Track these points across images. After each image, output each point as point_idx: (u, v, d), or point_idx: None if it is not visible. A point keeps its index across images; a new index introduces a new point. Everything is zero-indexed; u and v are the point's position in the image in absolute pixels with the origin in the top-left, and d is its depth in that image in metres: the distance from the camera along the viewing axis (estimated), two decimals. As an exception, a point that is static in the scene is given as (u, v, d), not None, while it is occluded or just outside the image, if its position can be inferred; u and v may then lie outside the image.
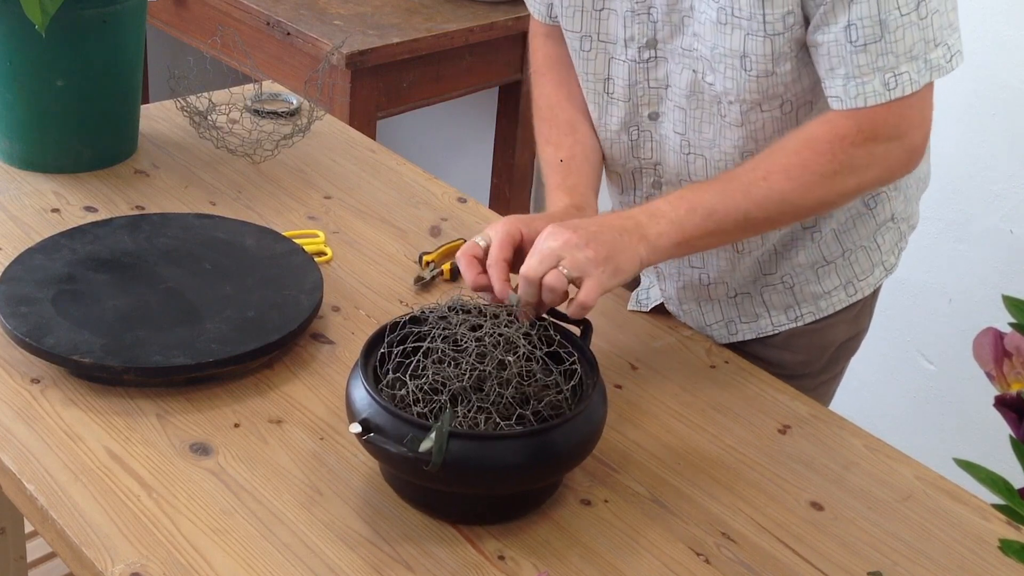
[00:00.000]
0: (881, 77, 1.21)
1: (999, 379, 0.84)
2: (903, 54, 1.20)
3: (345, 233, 1.59)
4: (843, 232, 1.44)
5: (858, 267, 1.47)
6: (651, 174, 1.42)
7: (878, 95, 1.21)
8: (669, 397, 1.35)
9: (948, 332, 2.35)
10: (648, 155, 1.41)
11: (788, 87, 1.28)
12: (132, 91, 1.71)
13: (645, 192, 1.44)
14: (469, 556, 1.10)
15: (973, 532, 1.20)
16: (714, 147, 1.35)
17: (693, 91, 1.32)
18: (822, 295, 1.47)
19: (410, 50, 2.46)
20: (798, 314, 1.48)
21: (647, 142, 1.40)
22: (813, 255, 1.44)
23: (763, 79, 1.26)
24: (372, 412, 1.10)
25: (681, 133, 1.36)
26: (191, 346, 1.27)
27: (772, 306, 1.47)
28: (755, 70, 1.25)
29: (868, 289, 1.49)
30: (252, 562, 1.07)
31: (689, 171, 1.38)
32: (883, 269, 1.50)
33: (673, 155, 1.38)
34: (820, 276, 1.45)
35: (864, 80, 1.21)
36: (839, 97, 1.23)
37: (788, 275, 1.45)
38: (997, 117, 2.18)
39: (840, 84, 1.22)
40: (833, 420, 1.34)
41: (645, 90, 1.36)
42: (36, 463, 1.16)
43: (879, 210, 1.45)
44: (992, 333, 0.85)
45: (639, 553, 1.13)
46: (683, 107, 1.34)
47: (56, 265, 1.39)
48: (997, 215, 2.22)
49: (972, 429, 2.33)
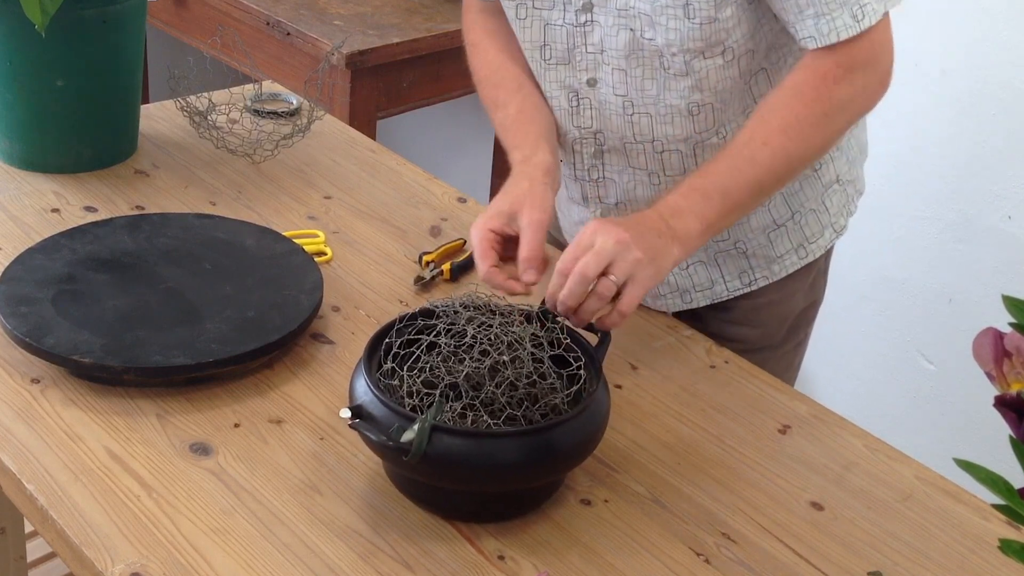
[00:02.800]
0: (849, 11, 1.25)
1: (999, 379, 0.84)
2: None
3: (345, 233, 1.59)
4: (791, 195, 1.47)
5: (808, 230, 1.50)
6: (591, 143, 1.43)
7: (849, 28, 1.25)
8: (669, 397, 1.35)
9: (948, 332, 2.35)
10: (588, 123, 1.41)
11: (729, 32, 1.30)
12: (132, 91, 1.71)
13: (587, 164, 1.45)
14: (469, 556, 1.10)
15: (973, 532, 1.20)
16: (659, 102, 1.36)
17: (632, 50, 1.33)
18: (775, 259, 1.50)
19: (410, 50, 2.46)
20: (752, 278, 1.50)
21: (587, 109, 1.40)
22: (764, 219, 1.47)
23: (706, 26, 1.28)
24: (367, 401, 1.11)
25: (623, 95, 1.37)
26: (191, 346, 1.27)
27: (726, 271, 1.50)
28: (698, 17, 1.28)
29: (819, 251, 1.52)
30: (252, 562, 1.07)
31: (633, 132, 1.39)
32: (833, 231, 1.53)
33: (616, 118, 1.39)
34: (772, 240, 1.48)
35: (834, 16, 1.25)
36: (813, 36, 1.26)
37: (741, 240, 1.48)
38: (997, 117, 2.18)
39: (811, 24, 1.26)
40: (833, 420, 1.34)
41: (583, 55, 1.37)
42: (36, 463, 1.16)
43: (823, 171, 1.48)
44: (992, 333, 0.85)
45: (639, 553, 1.13)
46: (622, 68, 1.35)
47: (56, 265, 1.39)
48: (997, 215, 2.22)
49: (972, 429, 2.33)
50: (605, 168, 1.45)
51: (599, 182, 1.46)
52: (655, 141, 1.40)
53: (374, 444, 1.09)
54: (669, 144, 1.40)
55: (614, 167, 1.44)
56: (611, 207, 1.48)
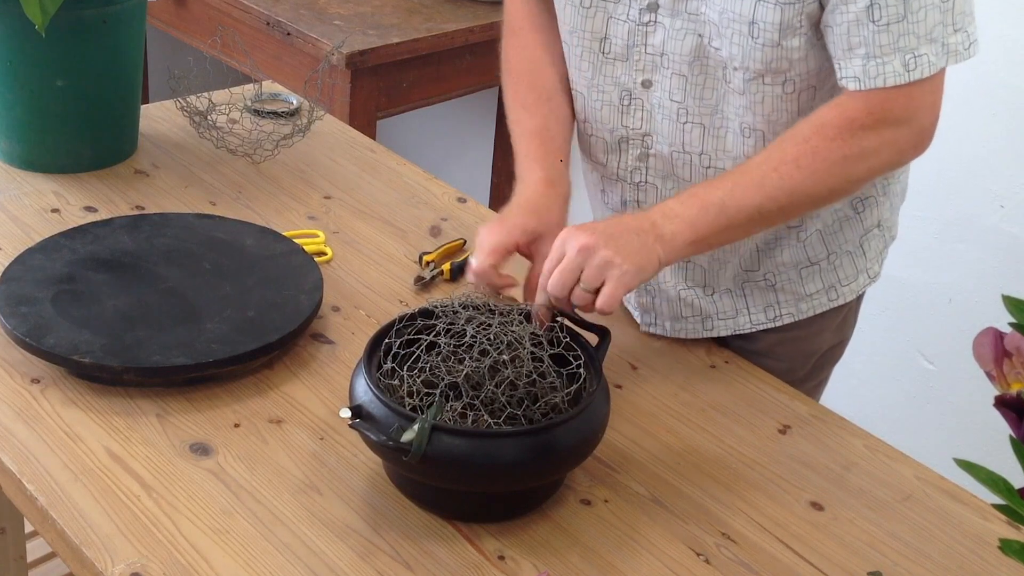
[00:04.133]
0: (901, 58, 1.20)
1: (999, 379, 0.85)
2: (924, 35, 1.19)
3: (345, 233, 1.59)
4: (829, 234, 1.43)
5: (842, 272, 1.46)
6: (638, 145, 1.39)
7: (898, 76, 1.20)
8: (669, 397, 1.35)
9: (948, 332, 2.35)
10: (637, 124, 1.38)
11: (793, 64, 1.26)
12: (132, 91, 1.71)
13: (630, 165, 1.41)
14: (469, 556, 1.10)
15: (973, 532, 1.20)
16: (716, 113, 1.32)
17: (697, 56, 1.30)
18: (804, 297, 1.46)
19: (410, 50, 2.46)
20: (777, 314, 1.46)
21: (637, 110, 1.37)
22: (798, 255, 1.43)
23: (768, 49, 1.24)
24: (367, 400, 1.11)
25: (679, 101, 1.33)
26: (191, 346, 1.27)
27: (752, 303, 1.46)
28: (762, 38, 1.23)
29: (850, 295, 1.48)
30: (252, 562, 1.07)
31: (683, 141, 1.35)
32: (867, 277, 1.49)
33: (668, 123, 1.35)
34: (803, 277, 1.44)
35: (884, 60, 1.20)
36: (857, 78, 1.21)
37: (771, 273, 1.44)
38: (997, 117, 2.18)
39: (859, 64, 1.21)
40: (833, 420, 1.34)
41: (642, 55, 1.33)
42: (36, 463, 1.16)
43: (867, 215, 1.44)
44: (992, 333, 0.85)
45: (639, 553, 1.13)
46: (683, 74, 1.32)
47: (56, 265, 1.39)
48: (997, 215, 2.22)
49: (972, 429, 2.33)
50: (648, 172, 1.40)
51: (640, 186, 1.41)
52: (703, 154, 1.35)
53: (374, 444, 1.09)
54: (716, 160, 1.35)
55: (658, 172, 1.40)
56: None
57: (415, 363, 1.15)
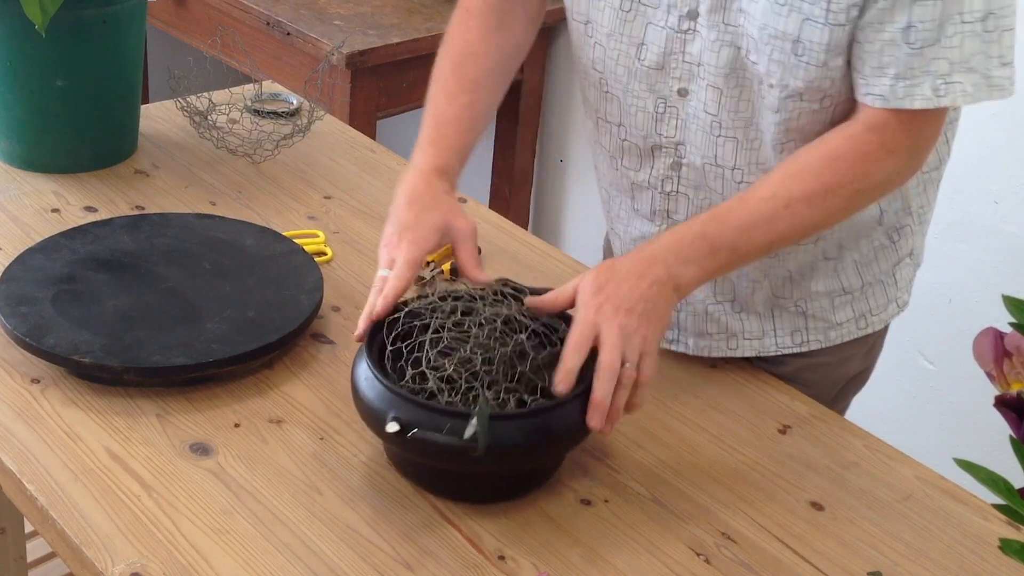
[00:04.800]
0: (931, 82, 1.17)
1: (999, 379, 0.85)
2: (958, 62, 1.16)
3: (345, 233, 1.59)
4: (864, 264, 1.40)
5: (874, 301, 1.44)
6: (671, 154, 1.35)
7: (926, 100, 1.17)
8: (669, 397, 1.35)
9: (948, 332, 2.35)
10: (671, 133, 1.34)
11: (835, 83, 1.22)
12: (132, 91, 1.71)
13: (662, 174, 1.37)
14: (469, 556, 1.10)
15: (973, 532, 1.20)
16: (750, 126, 1.29)
17: (733, 69, 1.26)
18: (833, 325, 1.43)
19: (410, 50, 2.46)
20: (805, 339, 1.43)
21: (672, 119, 1.33)
22: (832, 284, 1.40)
23: (812, 68, 1.21)
24: (400, 409, 1.11)
25: (713, 114, 1.29)
26: (191, 346, 1.27)
27: (779, 327, 1.43)
28: (807, 57, 1.20)
29: (879, 324, 1.46)
30: (252, 562, 1.07)
31: (716, 154, 1.32)
32: (896, 306, 1.47)
33: (702, 135, 1.32)
34: (835, 306, 1.42)
35: (915, 83, 1.17)
36: (883, 96, 1.18)
37: (803, 300, 1.41)
38: (997, 117, 2.18)
39: (888, 84, 1.18)
40: (833, 420, 1.34)
41: (679, 63, 1.29)
42: (36, 463, 1.16)
43: (902, 244, 1.42)
44: (992, 333, 0.85)
45: (639, 553, 1.13)
46: (718, 86, 1.28)
47: (56, 265, 1.39)
48: (997, 215, 2.22)
49: (972, 429, 2.33)
50: (680, 182, 1.36)
51: (671, 195, 1.37)
52: (736, 168, 1.31)
53: (441, 448, 1.09)
54: (749, 175, 1.31)
55: (690, 183, 1.36)
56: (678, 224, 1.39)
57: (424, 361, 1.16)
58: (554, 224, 3.08)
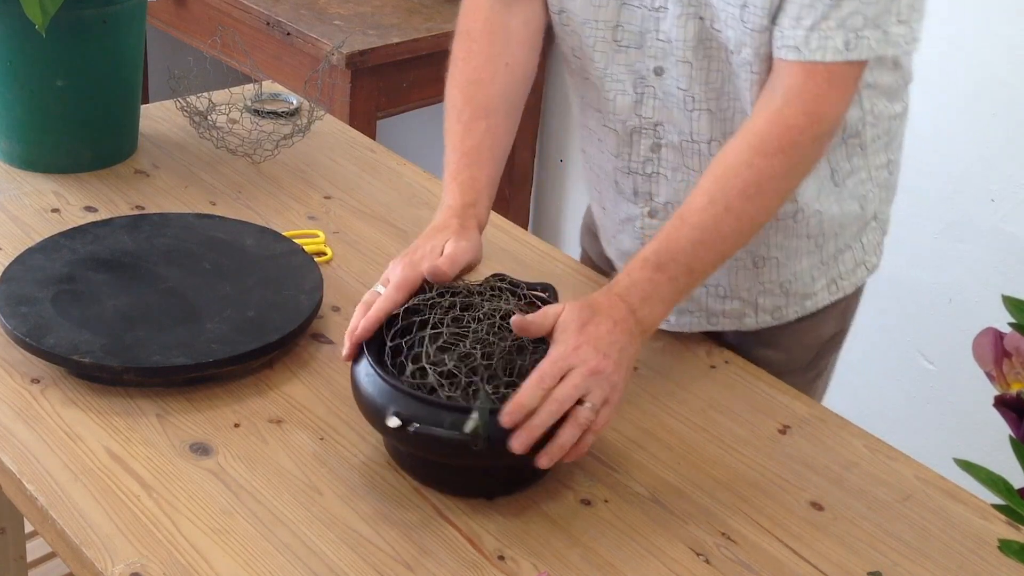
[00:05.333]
0: (844, 35, 1.19)
1: (999, 379, 0.85)
2: (871, 17, 1.19)
3: (345, 233, 1.59)
4: (842, 231, 1.44)
5: (843, 266, 1.47)
6: (650, 135, 1.37)
7: (837, 52, 1.19)
8: (669, 397, 1.35)
9: (948, 332, 2.35)
10: (650, 114, 1.36)
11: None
12: (132, 91, 1.71)
13: (642, 156, 1.39)
14: (469, 556, 1.10)
15: (973, 532, 1.20)
16: (722, 96, 1.31)
17: (700, 40, 1.28)
18: (810, 295, 1.47)
19: (410, 50, 2.46)
20: (784, 314, 1.47)
21: (650, 99, 1.35)
22: (814, 259, 1.44)
23: (756, 34, 1.23)
24: (400, 404, 1.11)
25: (686, 88, 1.32)
26: (191, 346, 1.27)
27: (761, 308, 1.46)
28: (751, 23, 1.23)
29: (849, 288, 1.50)
30: (252, 562, 1.07)
31: (692, 129, 1.34)
32: (865, 269, 1.50)
33: (677, 112, 1.34)
34: (814, 278, 1.46)
35: (829, 34, 1.18)
36: (797, 48, 1.20)
37: (788, 281, 1.44)
38: (997, 117, 2.18)
39: (803, 34, 1.19)
40: (833, 420, 1.34)
41: (653, 41, 1.31)
42: (36, 463, 1.16)
43: (867, 208, 1.45)
44: (992, 333, 0.85)
45: (639, 553, 1.13)
46: (688, 60, 1.30)
47: (56, 265, 1.39)
48: (997, 215, 2.22)
49: (972, 429, 2.33)
50: (660, 163, 1.39)
51: (652, 177, 1.40)
52: (712, 141, 1.34)
53: (442, 442, 1.09)
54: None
55: (668, 164, 1.38)
56: (660, 206, 1.42)
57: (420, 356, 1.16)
58: (554, 224, 3.08)
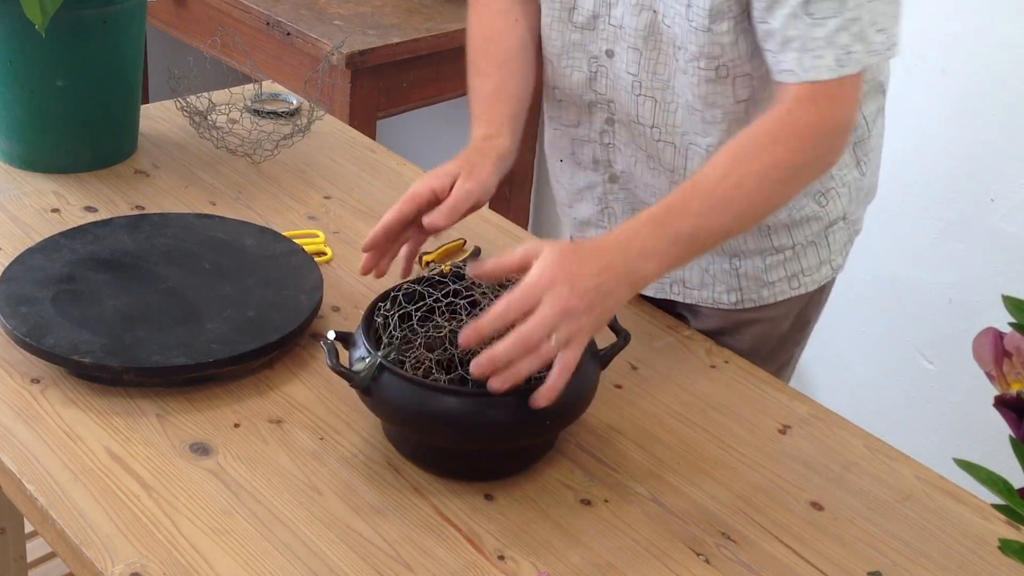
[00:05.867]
0: (834, 53, 1.21)
1: (999, 379, 0.85)
2: (856, 33, 1.21)
3: (345, 233, 1.59)
4: (794, 226, 1.46)
5: (806, 262, 1.49)
6: (604, 110, 1.44)
7: (831, 70, 1.21)
8: (669, 397, 1.35)
9: (948, 332, 2.35)
10: (603, 91, 1.42)
11: (725, 50, 1.29)
12: (132, 91, 1.71)
13: (598, 128, 1.46)
14: (469, 556, 1.10)
15: (973, 532, 1.20)
16: (667, 89, 1.36)
17: (650, 32, 1.33)
18: (765, 284, 1.49)
19: (410, 50, 2.46)
20: (739, 299, 1.50)
21: (603, 78, 1.41)
22: (762, 244, 1.46)
23: (700, 33, 1.27)
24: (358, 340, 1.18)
25: (634, 74, 1.37)
26: (191, 346, 1.27)
27: (716, 283, 1.49)
28: (696, 22, 1.27)
29: (812, 285, 1.51)
30: (252, 562, 1.07)
31: (638, 112, 1.39)
32: (830, 268, 1.52)
33: (625, 94, 1.40)
34: (768, 265, 1.48)
35: (818, 54, 1.21)
36: (792, 71, 1.22)
37: (736, 258, 1.47)
38: (997, 117, 2.18)
39: (794, 57, 1.22)
40: (833, 420, 1.34)
41: (605, 25, 1.37)
42: (36, 463, 1.16)
43: (831, 208, 1.46)
44: (992, 333, 0.85)
45: (639, 553, 1.13)
46: (638, 48, 1.35)
47: (56, 265, 1.39)
48: (997, 215, 2.22)
49: (972, 429, 2.33)
50: (615, 135, 1.45)
51: (609, 147, 1.47)
52: (654, 127, 1.39)
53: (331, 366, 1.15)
54: (666, 134, 1.39)
55: (621, 138, 1.45)
56: (617, 175, 1.48)
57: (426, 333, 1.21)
58: (554, 224, 3.08)
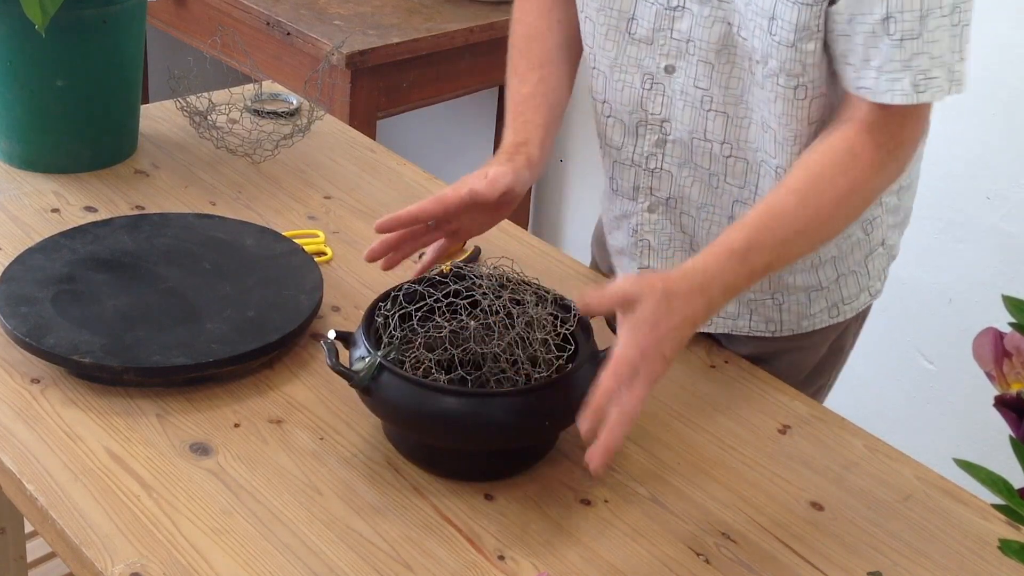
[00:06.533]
0: (912, 77, 1.16)
1: (999, 379, 0.85)
2: (937, 57, 1.16)
3: (345, 233, 1.59)
4: (840, 259, 1.42)
5: (846, 291, 1.45)
6: (656, 131, 1.37)
7: (907, 95, 1.17)
8: (669, 397, 1.35)
9: (948, 332, 2.35)
10: (656, 110, 1.35)
11: (807, 69, 1.22)
12: (132, 91, 1.71)
13: (647, 151, 1.38)
14: (469, 556, 1.10)
15: (973, 532, 1.20)
16: (740, 103, 1.30)
17: (725, 45, 1.27)
18: (806, 316, 1.45)
19: (410, 50, 2.46)
20: (778, 328, 1.46)
21: (658, 96, 1.35)
22: (810, 280, 1.42)
23: (784, 48, 1.21)
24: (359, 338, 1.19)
25: (704, 88, 1.31)
26: (191, 346, 1.27)
27: (755, 315, 1.45)
28: (779, 37, 1.20)
29: (851, 313, 1.48)
30: (252, 562, 1.07)
31: (706, 128, 1.33)
32: (868, 295, 1.49)
33: (690, 110, 1.33)
34: (811, 299, 1.44)
35: (895, 77, 1.16)
36: (870, 89, 1.18)
37: (780, 294, 1.43)
38: (996, 117, 2.18)
39: (873, 76, 1.18)
40: (833, 420, 1.34)
41: (667, 39, 1.31)
42: (36, 463, 1.16)
43: (874, 235, 1.43)
44: (992, 333, 0.85)
45: (639, 553, 1.13)
46: (710, 61, 1.29)
47: (56, 265, 1.39)
48: (997, 215, 2.22)
49: (972, 429, 2.33)
50: (664, 159, 1.38)
51: (655, 172, 1.39)
52: (725, 143, 1.33)
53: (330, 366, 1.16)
54: (737, 150, 1.33)
55: (675, 160, 1.37)
56: (661, 201, 1.41)
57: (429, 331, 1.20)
58: (554, 224, 3.08)
